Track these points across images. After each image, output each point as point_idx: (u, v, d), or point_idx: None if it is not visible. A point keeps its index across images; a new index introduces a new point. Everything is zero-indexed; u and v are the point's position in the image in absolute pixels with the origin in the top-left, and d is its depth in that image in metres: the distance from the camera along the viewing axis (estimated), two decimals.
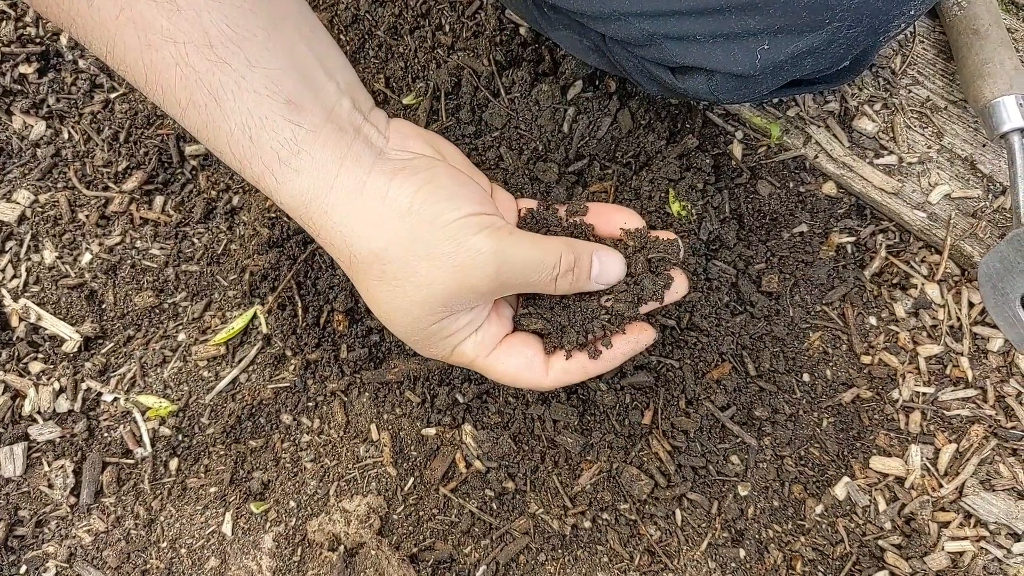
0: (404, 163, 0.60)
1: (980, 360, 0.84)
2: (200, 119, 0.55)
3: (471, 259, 0.58)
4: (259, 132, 0.55)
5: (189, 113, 0.55)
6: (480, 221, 0.59)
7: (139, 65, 0.54)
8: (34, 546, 0.81)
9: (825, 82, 0.80)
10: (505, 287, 0.61)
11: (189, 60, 0.53)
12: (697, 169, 0.86)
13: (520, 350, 0.66)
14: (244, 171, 0.57)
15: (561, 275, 0.62)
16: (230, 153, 0.56)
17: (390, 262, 0.58)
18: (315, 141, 0.57)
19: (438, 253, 0.58)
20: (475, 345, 0.65)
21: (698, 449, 0.80)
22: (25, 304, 0.87)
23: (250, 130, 0.55)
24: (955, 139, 0.88)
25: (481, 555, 0.79)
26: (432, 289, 0.58)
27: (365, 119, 0.62)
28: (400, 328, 0.62)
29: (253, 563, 0.80)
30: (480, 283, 0.59)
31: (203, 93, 0.54)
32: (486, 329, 0.65)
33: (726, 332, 0.83)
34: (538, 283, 0.62)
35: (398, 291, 0.59)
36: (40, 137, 0.94)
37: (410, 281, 0.58)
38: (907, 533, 0.79)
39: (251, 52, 0.54)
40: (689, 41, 0.69)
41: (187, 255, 0.90)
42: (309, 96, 0.57)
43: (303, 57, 0.57)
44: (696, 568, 0.79)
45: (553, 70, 0.90)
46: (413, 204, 0.58)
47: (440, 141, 0.67)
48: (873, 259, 0.87)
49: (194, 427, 0.84)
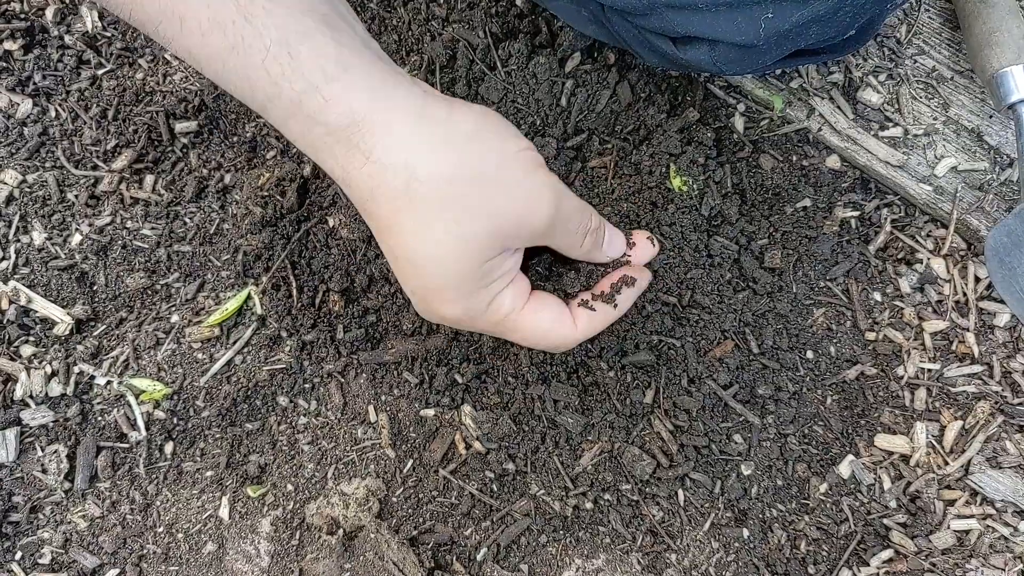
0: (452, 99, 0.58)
1: (986, 336, 0.83)
2: (227, 41, 0.52)
3: (538, 192, 0.57)
4: (299, 48, 0.52)
5: (213, 37, 0.52)
6: (539, 159, 0.60)
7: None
8: (29, 532, 0.80)
9: (830, 52, 0.78)
10: (551, 232, 0.60)
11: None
12: (698, 143, 0.84)
13: (549, 303, 0.64)
14: (280, 95, 0.53)
15: (590, 233, 0.63)
16: (262, 75, 0.52)
17: (458, 185, 0.55)
18: (361, 59, 0.54)
19: (509, 180, 0.56)
20: (512, 297, 0.61)
21: (700, 428, 0.79)
22: (15, 286, 0.86)
23: (288, 46, 0.52)
24: (962, 110, 0.87)
25: (482, 537, 0.78)
26: (496, 220, 0.56)
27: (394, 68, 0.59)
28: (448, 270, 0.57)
29: (251, 547, 0.79)
30: (539, 221, 0.58)
31: (231, 10, 0.51)
32: (520, 281, 0.63)
33: (728, 309, 0.82)
34: (573, 234, 0.62)
35: (461, 220, 0.55)
36: (27, 115, 0.92)
37: (476, 208, 0.55)
38: (912, 511, 0.78)
39: None
40: (691, 10, 0.68)
41: (179, 235, 0.88)
42: (344, 24, 0.55)
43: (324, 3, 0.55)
44: (699, 548, 0.78)
45: (551, 42, 0.88)
46: (480, 131, 0.56)
47: None
48: (878, 234, 0.86)
49: (189, 410, 0.83)
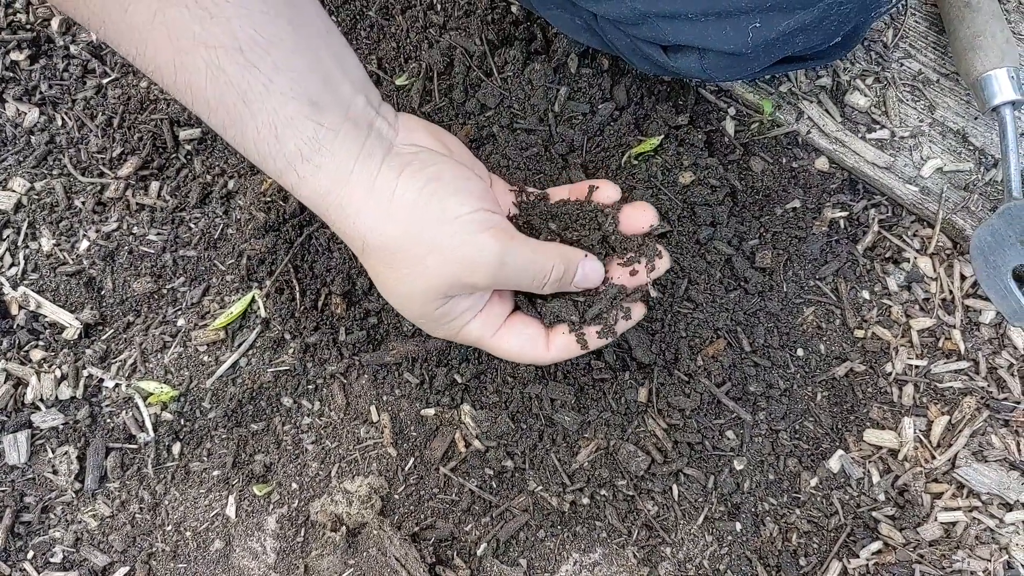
0: (412, 157, 0.63)
1: (972, 332, 0.85)
2: (228, 118, 0.58)
3: (474, 255, 0.61)
4: (284, 131, 0.58)
5: (217, 113, 0.58)
6: (486, 219, 0.63)
7: (170, 67, 0.56)
8: (40, 531, 0.82)
9: (818, 58, 0.80)
10: (499, 284, 0.64)
11: (220, 63, 0.55)
12: (690, 146, 0.86)
13: (521, 329, 0.70)
14: (267, 167, 0.60)
15: (550, 283, 0.66)
16: (255, 150, 0.59)
17: (398, 252, 0.62)
18: (335, 139, 0.60)
19: (443, 246, 0.61)
20: (481, 325, 0.68)
21: (694, 425, 0.81)
22: (24, 292, 0.88)
23: (276, 128, 0.58)
24: (947, 112, 0.89)
25: (481, 533, 0.80)
26: (435, 280, 0.62)
27: (377, 114, 0.64)
28: (410, 312, 0.67)
29: (257, 545, 0.81)
30: (478, 279, 0.62)
31: (232, 95, 0.56)
32: (489, 310, 0.69)
33: (720, 308, 0.84)
34: (528, 284, 0.66)
35: (406, 279, 0.63)
36: (34, 124, 0.94)
37: (415, 270, 0.62)
38: (900, 504, 0.80)
39: (278, 56, 0.56)
40: (681, 20, 0.70)
41: (184, 240, 0.90)
42: (329, 96, 0.60)
43: (323, 58, 0.60)
44: (693, 542, 0.80)
45: (546, 49, 0.90)
46: (419, 198, 0.61)
47: (443, 134, 0.70)
48: (866, 233, 0.87)
49: (196, 411, 0.85)
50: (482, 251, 0.61)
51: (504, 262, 0.62)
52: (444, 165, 0.64)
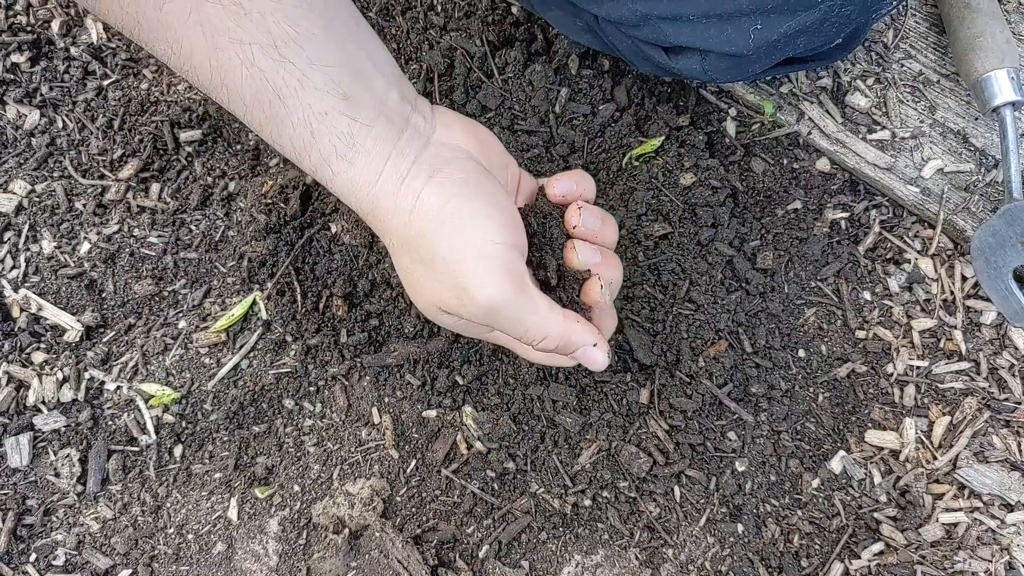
0: (444, 164, 0.62)
1: (973, 333, 0.85)
2: (264, 115, 0.58)
3: (472, 290, 0.60)
4: (319, 127, 0.58)
5: (253, 110, 0.58)
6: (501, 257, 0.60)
7: (205, 66, 0.56)
8: (43, 534, 0.82)
9: (818, 60, 0.80)
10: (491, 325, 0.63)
11: (255, 60, 0.55)
12: (691, 146, 0.86)
13: None
14: (302, 162, 0.60)
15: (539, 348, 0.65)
16: (291, 146, 0.59)
17: (415, 253, 0.62)
18: (368, 135, 0.59)
19: (448, 270, 0.60)
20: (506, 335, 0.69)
21: (696, 426, 0.81)
22: (25, 294, 0.88)
23: (311, 125, 0.57)
24: (948, 113, 0.89)
25: (484, 535, 0.80)
26: (434, 296, 0.63)
27: (413, 109, 0.63)
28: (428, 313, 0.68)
29: (259, 547, 0.81)
30: (471, 313, 0.62)
31: (268, 91, 0.56)
32: None
33: (722, 309, 0.84)
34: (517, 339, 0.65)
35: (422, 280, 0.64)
36: (34, 126, 0.94)
37: (426, 278, 0.63)
38: (902, 505, 0.80)
39: (312, 51, 0.56)
40: (682, 21, 0.70)
41: (185, 242, 0.90)
42: (363, 90, 0.59)
43: (355, 53, 0.59)
44: (695, 543, 0.80)
45: (546, 50, 0.90)
46: (440, 214, 0.60)
47: (479, 128, 0.68)
48: (867, 234, 0.88)
49: (197, 414, 0.85)
50: (481, 290, 0.60)
51: (499, 311, 0.61)
52: (473, 179, 0.62)
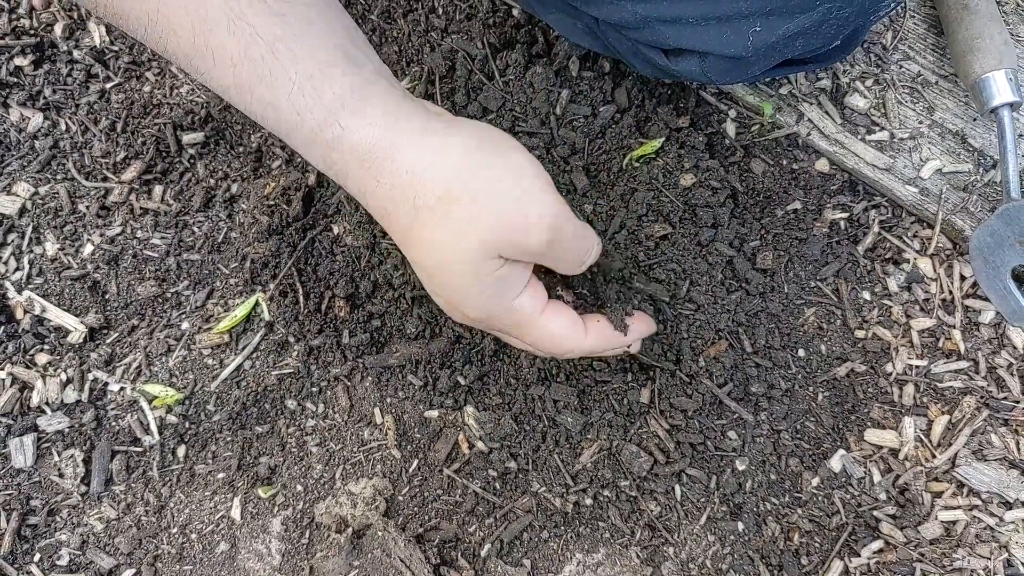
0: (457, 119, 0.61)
1: (972, 332, 0.85)
2: (255, 73, 0.55)
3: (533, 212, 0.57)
4: (320, 80, 0.56)
5: (243, 69, 0.55)
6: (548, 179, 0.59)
7: (187, 30, 0.54)
8: (47, 535, 0.82)
9: (817, 61, 0.80)
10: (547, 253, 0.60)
11: (243, 14, 0.53)
12: (691, 148, 0.87)
13: (565, 311, 0.67)
14: (303, 122, 0.57)
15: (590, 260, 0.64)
16: (288, 105, 0.56)
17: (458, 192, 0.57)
18: (375, 88, 0.58)
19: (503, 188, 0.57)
20: (531, 301, 0.64)
21: (696, 426, 0.82)
22: (29, 296, 0.88)
23: (311, 78, 0.55)
24: (946, 114, 0.89)
25: (485, 534, 0.81)
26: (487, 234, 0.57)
27: None
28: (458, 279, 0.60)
29: (262, 547, 0.81)
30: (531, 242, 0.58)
31: (260, 47, 0.54)
32: (536, 285, 0.65)
33: (722, 309, 0.84)
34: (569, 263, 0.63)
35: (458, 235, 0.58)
36: (38, 129, 0.94)
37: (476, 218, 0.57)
38: (901, 503, 0.81)
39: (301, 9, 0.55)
40: (681, 24, 0.70)
41: (188, 244, 0.90)
42: (360, 54, 0.59)
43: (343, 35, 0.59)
44: (696, 542, 0.81)
45: (547, 52, 0.91)
46: (481, 142, 0.58)
47: None
48: (866, 234, 0.88)
49: (200, 414, 0.85)
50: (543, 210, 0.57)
51: (561, 227, 0.58)
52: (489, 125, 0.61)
